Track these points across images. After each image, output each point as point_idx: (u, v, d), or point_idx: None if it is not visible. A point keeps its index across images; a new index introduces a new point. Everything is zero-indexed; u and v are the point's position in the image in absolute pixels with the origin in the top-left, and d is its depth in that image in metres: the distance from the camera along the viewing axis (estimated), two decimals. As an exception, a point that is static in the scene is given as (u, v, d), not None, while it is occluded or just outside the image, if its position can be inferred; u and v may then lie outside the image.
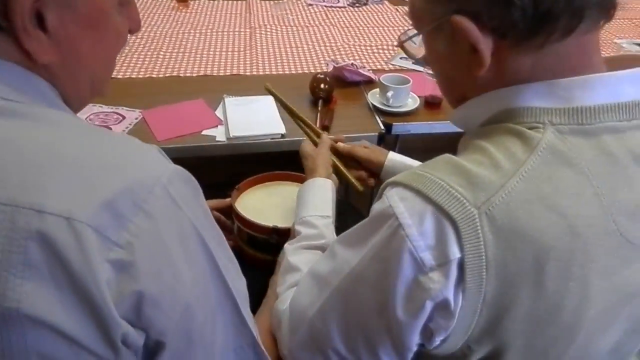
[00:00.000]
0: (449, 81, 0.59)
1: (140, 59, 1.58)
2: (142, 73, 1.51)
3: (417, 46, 0.61)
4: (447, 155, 0.51)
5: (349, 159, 1.03)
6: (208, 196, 0.48)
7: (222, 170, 1.35)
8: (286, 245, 0.81)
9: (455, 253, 0.46)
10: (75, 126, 0.44)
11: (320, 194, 0.88)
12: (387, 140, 1.34)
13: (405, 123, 1.34)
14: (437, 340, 0.50)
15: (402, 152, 1.60)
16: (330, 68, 1.51)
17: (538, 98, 0.49)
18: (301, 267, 0.73)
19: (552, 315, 0.49)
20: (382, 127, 1.31)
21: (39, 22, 0.42)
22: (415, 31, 0.57)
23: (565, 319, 0.49)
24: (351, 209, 1.23)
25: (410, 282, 0.48)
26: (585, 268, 0.47)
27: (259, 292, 0.82)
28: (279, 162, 1.19)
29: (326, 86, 1.38)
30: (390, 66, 1.63)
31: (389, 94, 1.33)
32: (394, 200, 0.49)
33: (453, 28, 0.48)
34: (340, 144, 1.04)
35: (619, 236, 0.48)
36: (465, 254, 0.45)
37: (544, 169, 0.46)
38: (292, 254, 0.77)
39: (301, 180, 1.08)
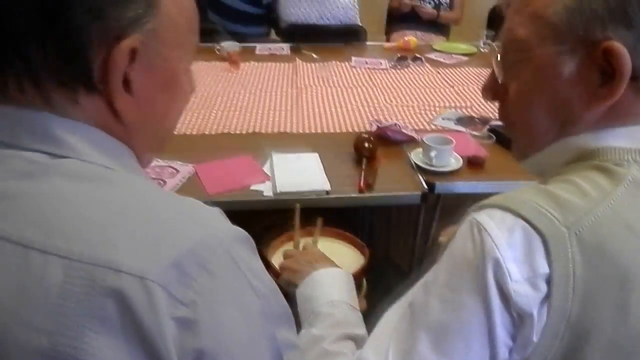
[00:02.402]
0: (537, 120, 0.57)
1: (194, 117, 1.68)
2: (195, 130, 1.60)
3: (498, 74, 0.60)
4: (534, 183, 0.53)
5: None
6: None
7: (265, 219, 1.39)
8: (320, 330, 0.70)
9: (544, 268, 0.47)
10: (148, 188, 0.47)
11: (346, 284, 0.82)
12: (429, 200, 1.36)
13: (448, 183, 1.35)
14: None
15: (443, 211, 1.61)
16: (374, 128, 1.56)
17: (621, 139, 0.52)
18: None
19: (636, 346, 0.48)
20: (425, 186, 1.33)
21: (126, 85, 0.47)
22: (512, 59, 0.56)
23: None
24: (391, 266, 1.24)
25: (497, 290, 0.48)
26: None
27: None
28: (323, 217, 1.22)
29: (370, 145, 1.42)
30: (433, 126, 1.67)
31: (432, 153, 1.36)
32: (482, 217, 0.50)
33: (605, 53, 0.49)
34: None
35: None
36: (553, 270, 0.46)
37: (630, 200, 0.48)
38: (333, 343, 0.67)
39: (340, 237, 1.10)
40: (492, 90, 0.62)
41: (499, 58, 0.59)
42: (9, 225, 0.41)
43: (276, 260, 1.02)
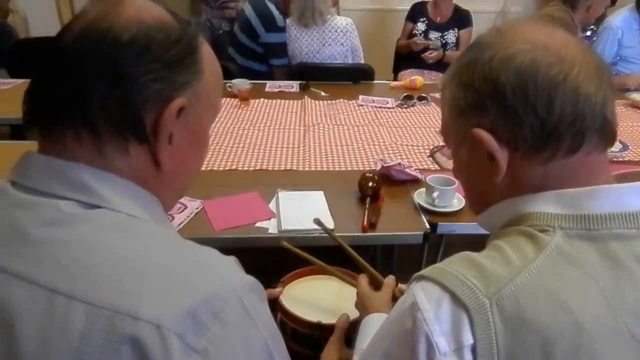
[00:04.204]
0: (472, 187, 0.66)
1: (204, 153, 1.72)
2: (204, 166, 1.64)
3: (446, 160, 0.70)
4: (466, 252, 0.55)
5: None
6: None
7: (271, 256, 1.41)
8: None
9: (468, 339, 0.49)
10: (169, 238, 0.51)
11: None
12: (432, 239, 1.37)
13: (450, 223, 1.37)
14: None
15: (447, 248, 1.62)
16: (379, 166, 1.60)
17: (549, 205, 0.55)
18: None
19: None
20: (428, 226, 1.35)
21: (170, 138, 0.53)
22: (444, 144, 0.66)
23: None
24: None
25: None
26: None
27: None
28: (326, 255, 1.24)
29: (374, 184, 1.45)
30: (436, 166, 1.70)
31: (435, 194, 1.38)
32: (417, 290, 0.53)
33: (474, 139, 0.57)
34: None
35: (631, 338, 0.49)
36: (477, 340, 0.48)
37: (551, 267, 0.50)
38: None
39: (347, 276, 1.11)
40: None
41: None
42: (37, 270, 0.44)
43: (289, 297, 1.03)
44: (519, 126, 0.54)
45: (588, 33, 2.02)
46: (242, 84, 2.28)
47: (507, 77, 0.54)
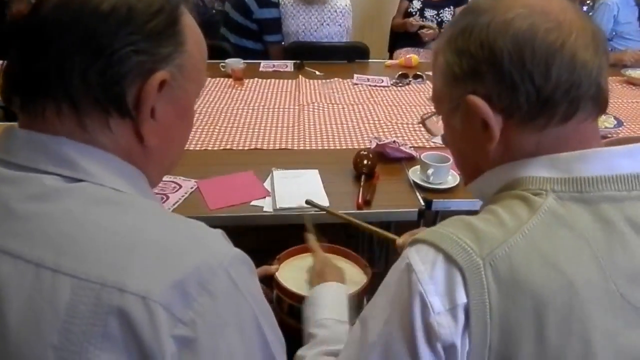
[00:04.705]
0: (464, 156, 0.66)
1: (198, 133, 1.72)
2: (198, 145, 1.64)
3: (438, 125, 0.69)
4: (460, 216, 0.56)
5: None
6: (253, 261, 0.54)
7: (267, 236, 1.42)
8: (303, 351, 0.78)
9: (462, 298, 0.50)
10: (155, 212, 0.51)
11: (336, 298, 0.88)
12: (427, 215, 1.38)
13: (445, 200, 1.38)
14: None
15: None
16: (374, 145, 1.59)
17: (542, 169, 0.55)
18: None
19: None
20: (423, 203, 1.35)
21: (152, 112, 0.52)
22: (436, 111, 0.65)
23: None
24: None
25: (422, 325, 0.51)
26: (586, 325, 0.49)
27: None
28: (323, 232, 1.24)
29: (369, 162, 1.45)
30: (432, 144, 1.69)
31: (430, 171, 1.38)
32: (411, 253, 0.54)
33: (468, 106, 0.56)
34: None
35: (620, 298, 0.50)
36: (470, 299, 0.49)
37: (544, 228, 0.51)
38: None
39: (340, 253, 1.12)
40: None
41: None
42: (22, 245, 0.44)
43: (285, 273, 1.04)
44: (514, 93, 0.54)
45: (585, 8, 2.00)
46: (236, 63, 2.26)
47: (504, 43, 0.53)
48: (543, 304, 0.49)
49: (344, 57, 2.65)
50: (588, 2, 2.24)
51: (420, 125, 0.69)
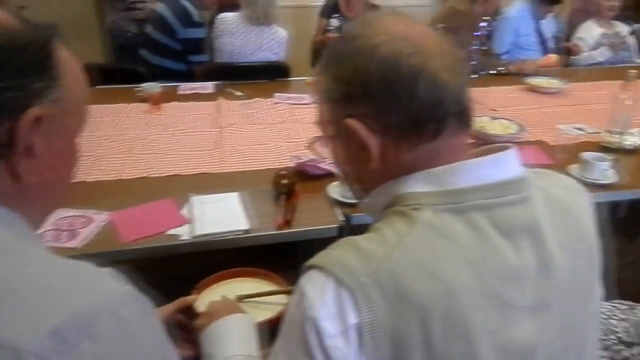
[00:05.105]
0: (351, 176, 0.69)
1: (112, 162, 1.65)
2: (112, 175, 1.57)
3: (326, 149, 0.72)
4: (348, 237, 0.58)
5: None
6: (174, 288, 0.52)
7: (189, 262, 1.38)
8: None
9: (353, 319, 0.51)
10: (33, 256, 0.48)
11: (243, 331, 0.85)
12: (348, 230, 1.40)
13: (363, 215, 1.40)
14: None
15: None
16: (294, 163, 1.60)
17: (419, 185, 0.59)
18: None
19: None
20: (343, 218, 1.38)
21: (29, 149, 0.50)
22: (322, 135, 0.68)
23: None
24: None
25: (320, 350, 0.52)
26: (467, 327, 0.52)
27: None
28: (244, 257, 1.23)
29: (288, 181, 1.46)
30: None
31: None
32: (304, 281, 0.55)
33: (347, 130, 0.59)
34: None
35: (496, 298, 0.54)
36: (360, 319, 0.51)
37: (422, 240, 0.54)
38: None
39: (262, 276, 1.11)
40: None
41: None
42: None
43: (204, 302, 1.01)
44: (386, 115, 0.57)
45: (484, 24, 2.15)
46: (152, 87, 2.20)
47: (372, 68, 0.56)
48: (427, 312, 0.51)
49: (266, 76, 2.67)
50: (486, 17, 2.41)
51: (308, 146, 0.72)
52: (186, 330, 0.96)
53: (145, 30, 2.83)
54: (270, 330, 0.90)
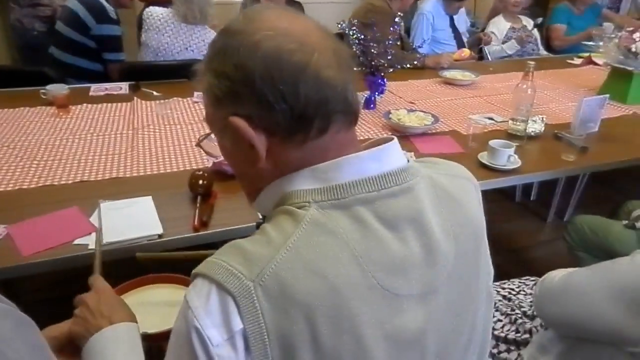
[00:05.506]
0: (241, 175, 0.67)
1: (10, 171, 1.52)
2: (10, 185, 1.45)
3: (215, 146, 0.69)
4: (235, 240, 0.56)
5: None
6: None
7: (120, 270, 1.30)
8: None
9: (238, 325, 0.50)
10: None
11: (131, 343, 0.78)
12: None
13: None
14: None
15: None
16: (211, 163, 1.56)
17: (305, 182, 0.58)
18: None
19: None
20: (261, 217, 1.35)
21: None
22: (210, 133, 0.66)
23: None
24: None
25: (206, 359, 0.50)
26: (354, 321, 0.52)
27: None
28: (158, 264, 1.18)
29: (204, 182, 1.41)
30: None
31: (266, 184, 1.39)
32: (189, 290, 0.53)
33: (232, 128, 0.57)
34: None
35: (381, 289, 0.55)
36: (246, 324, 0.50)
37: (308, 239, 0.53)
38: None
39: (181, 282, 1.07)
40: None
41: None
42: None
43: None
44: (271, 113, 0.55)
45: (397, 19, 2.21)
46: (58, 89, 2.05)
47: (255, 65, 0.55)
48: (312, 311, 0.50)
49: (185, 75, 2.58)
50: (400, 13, 2.48)
51: (196, 144, 0.69)
52: None
53: (55, 28, 2.66)
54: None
